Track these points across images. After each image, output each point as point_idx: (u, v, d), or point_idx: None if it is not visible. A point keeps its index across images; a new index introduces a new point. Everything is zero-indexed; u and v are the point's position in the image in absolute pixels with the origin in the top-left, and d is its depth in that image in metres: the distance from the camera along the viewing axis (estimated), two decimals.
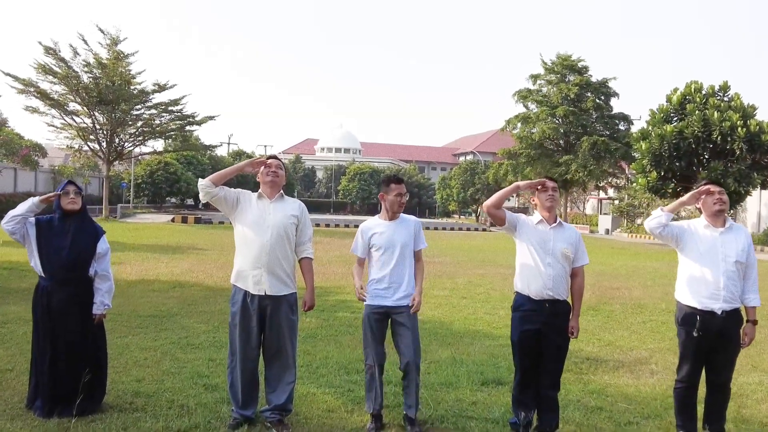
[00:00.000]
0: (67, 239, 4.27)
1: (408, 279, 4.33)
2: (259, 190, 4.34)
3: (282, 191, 4.37)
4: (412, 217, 4.52)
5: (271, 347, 4.26)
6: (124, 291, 9.91)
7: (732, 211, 32.20)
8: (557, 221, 4.24)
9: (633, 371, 6.22)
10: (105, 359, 4.53)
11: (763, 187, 26.62)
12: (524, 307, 4.19)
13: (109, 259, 4.52)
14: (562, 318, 4.20)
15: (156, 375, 5.38)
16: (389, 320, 4.36)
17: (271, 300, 4.19)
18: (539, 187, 4.27)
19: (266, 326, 4.23)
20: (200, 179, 4.24)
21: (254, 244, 4.19)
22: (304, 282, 4.44)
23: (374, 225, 4.46)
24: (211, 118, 33.29)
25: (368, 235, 4.43)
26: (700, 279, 4.16)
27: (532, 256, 4.17)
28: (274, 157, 4.41)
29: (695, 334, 4.13)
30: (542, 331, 4.14)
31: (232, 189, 4.32)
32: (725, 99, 25.95)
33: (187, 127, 33.11)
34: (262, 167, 4.32)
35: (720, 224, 4.21)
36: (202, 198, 4.22)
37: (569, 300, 4.29)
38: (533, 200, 4.33)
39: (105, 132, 30.69)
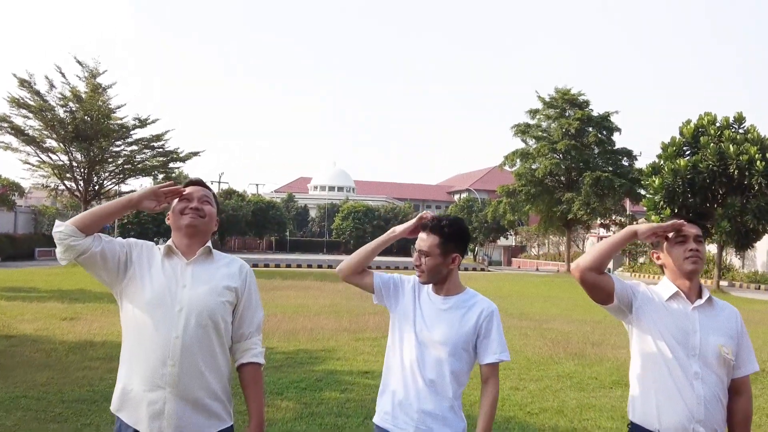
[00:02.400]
0: None
1: (447, 412, 2.40)
2: (169, 242, 2.41)
3: (210, 243, 2.44)
4: (486, 302, 2.49)
5: None
6: (60, 360, 7.95)
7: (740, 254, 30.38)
8: (704, 295, 2.38)
9: None
10: None
11: None
12: None
13: None
14: None
15: None
16: None
17: None
18: (670, 234, 2.42)
19: None
20: (57, 221, 2.27)
21: (154, 342, 2.27)
22: (246, 405, 2.47)
23: (416, 293, 2.54)
24: (196, 154, 31.57)
25: (400, 287, 2.57)
26: None
27: (665, 360, 2.30)
28: (199, 182, 2.50)
29: None
30: None
31: (119, 240, 2.39)
32: (741, 131, 24.71)
33: (171, 164, 31.32)
34: (176, 200, 2.42)
35: None
36: (60, 255, 2.28)
37: None
38: (656, 256, 2.47)
39: (82, 170, 28.83)
